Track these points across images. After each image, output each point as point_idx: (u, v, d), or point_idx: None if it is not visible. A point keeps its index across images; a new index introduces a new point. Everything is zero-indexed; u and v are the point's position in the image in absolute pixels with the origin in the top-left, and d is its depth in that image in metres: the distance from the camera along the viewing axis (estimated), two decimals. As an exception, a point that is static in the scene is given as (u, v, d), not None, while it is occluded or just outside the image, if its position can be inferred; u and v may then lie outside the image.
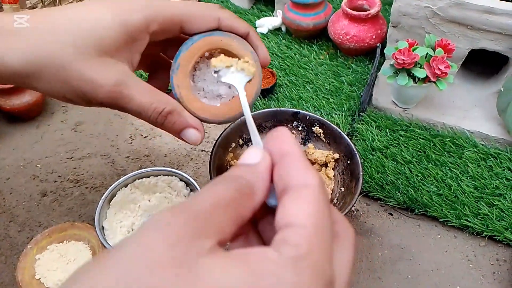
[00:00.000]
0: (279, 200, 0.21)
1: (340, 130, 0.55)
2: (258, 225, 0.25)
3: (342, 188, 0.56)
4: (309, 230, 0.19)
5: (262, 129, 0.60)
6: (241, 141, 0.59)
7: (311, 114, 0.57)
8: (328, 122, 0.56)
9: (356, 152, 0.51)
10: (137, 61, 0.34)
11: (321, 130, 0.56)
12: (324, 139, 0.57)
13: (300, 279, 0.17)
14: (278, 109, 0.60)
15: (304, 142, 0.60)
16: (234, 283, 0.17)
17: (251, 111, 0.37)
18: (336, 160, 0.58)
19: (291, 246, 0.18)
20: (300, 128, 0.56)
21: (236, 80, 0.33)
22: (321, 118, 0.56)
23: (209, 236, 0.19)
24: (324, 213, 0.20)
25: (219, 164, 0.52)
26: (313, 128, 0.56)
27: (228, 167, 0.52)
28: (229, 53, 0.34)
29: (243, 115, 0.31)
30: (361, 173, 0.50)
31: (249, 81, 0.34)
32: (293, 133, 0.56)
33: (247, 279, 0.17)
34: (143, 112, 0.33)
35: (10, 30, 0.31)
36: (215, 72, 0.34)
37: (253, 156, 0.23)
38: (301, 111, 0.59)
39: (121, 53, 0.32)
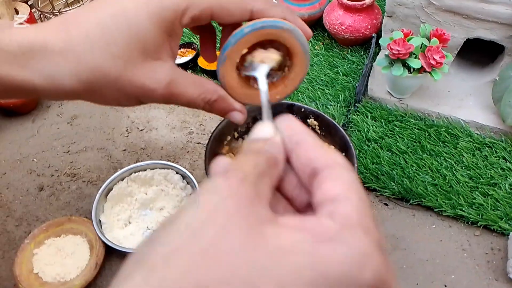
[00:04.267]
0: (311, 180, 0.24)
1: (335, 122, 0.55)
2: None
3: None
4: (354, 201, 0.21)
5: (257, 122, 0.60)
6: (236, 134, 0.59)
7: (305, 106, 0.57)
8: (323, 114, 0.56)
9: (351, 144, 0.52)
10: (176, 50, 0.35)
11: (316, 122, 0.56)
12: (319, 131, 0.57)
13: (357, 242, 0.19)
14: None
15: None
16: (297, 244, 0.19)
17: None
18: (331, 152, 0.58)
19: (343, 216, 0.20)
20: (295, 120, 0.56)
21: (257, 72, 0.36)
22: (316, 110, 0.56)
23: (261, 201, 0.21)
24: (358, 185, 0.22)
25: (214, 157, 0.52)
26: (308, 120, 0.56)
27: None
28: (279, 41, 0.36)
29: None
30: (355, 165, 0.50)
31: (278, 70, 0.37)
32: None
33: (309, 240, 0.19)
34: (193, 103, 0.35)
35: (53, 50, 0.30)
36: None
37: (266, 130, 0.26)
38: (296, 103, 0.58)
39: (163, 52, 0.33)
